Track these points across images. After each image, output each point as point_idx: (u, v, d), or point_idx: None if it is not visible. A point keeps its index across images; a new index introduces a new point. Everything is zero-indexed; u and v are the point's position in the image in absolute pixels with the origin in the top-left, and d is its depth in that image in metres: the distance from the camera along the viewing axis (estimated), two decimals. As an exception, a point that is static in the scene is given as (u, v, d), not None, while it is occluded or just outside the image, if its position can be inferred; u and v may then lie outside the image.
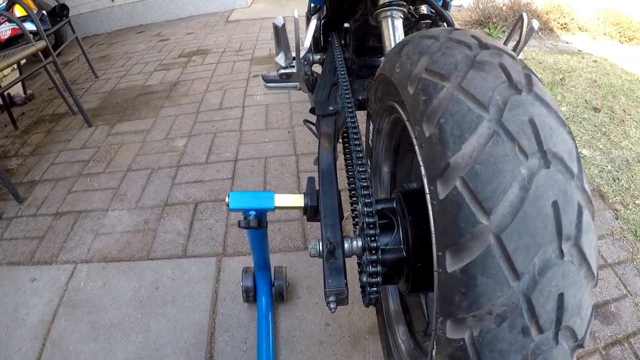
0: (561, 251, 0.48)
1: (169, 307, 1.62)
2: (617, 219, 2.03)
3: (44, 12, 3.95)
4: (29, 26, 3.34)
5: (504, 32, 4.88)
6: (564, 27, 5.15)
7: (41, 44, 2.82)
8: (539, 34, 4.99)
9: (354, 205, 1.00)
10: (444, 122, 0.56)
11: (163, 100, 3.45)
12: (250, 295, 1.50)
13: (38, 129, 3.24)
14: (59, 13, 4.15)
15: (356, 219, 0.97)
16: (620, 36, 4.96)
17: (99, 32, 6.33)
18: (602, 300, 1.61)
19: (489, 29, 4.90)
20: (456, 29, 0.70)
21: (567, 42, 4.83)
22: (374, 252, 0.73)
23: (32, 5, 3.91)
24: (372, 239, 0.74)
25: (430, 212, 0.58)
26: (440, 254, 0.54)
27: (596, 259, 0.52)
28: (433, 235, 0.57)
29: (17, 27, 3.26)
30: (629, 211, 2.07)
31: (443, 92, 0.58)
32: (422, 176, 0.87)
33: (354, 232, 0.93)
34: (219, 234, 1.94)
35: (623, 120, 2.91)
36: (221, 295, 1.64)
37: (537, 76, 0.60)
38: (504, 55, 0.60)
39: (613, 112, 3.01)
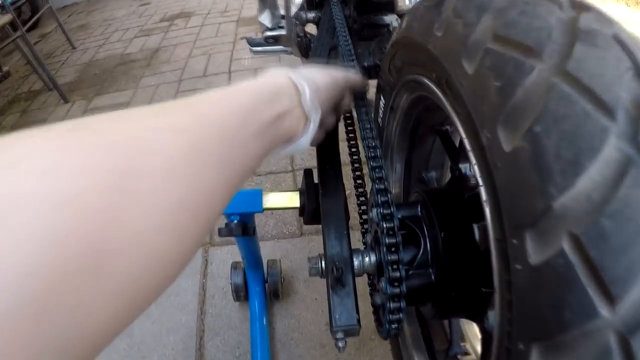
0: None
1: (153, 308, 1.44)
2: None
3: None
4: None
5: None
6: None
7: (7, 18, 2.65)
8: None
9: (360, 199, 0.80)
10: (543, 133, 0.33)
11: (143, 69, 3.23)
12: (242, 295, 1.33)
13: (13, 108, 3.07)
14: None
15: (363, 217, 0.78)
16: (627, 0, 4.71)
17: (78, 0, 5.96)
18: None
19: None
20: None
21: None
22: (395, 283, 0.54)
23: None
24: (394, 267, 0.54)
25: (499, 277, 0.38)
26: (522, 347, 0.35)
27: None
28: (505, 313, 0.37)
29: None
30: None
31: (535, 77, 0.35)
32: (455, 175, 0.66)
33: (363, 240, 0.74)
34: (206, 221, 1.76)
35: None
36: (209, 292, 1.47)
37: None
38: (614, 22, 0.37)
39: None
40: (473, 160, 0.41)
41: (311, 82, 0.52)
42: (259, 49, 1.59)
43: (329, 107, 0.59)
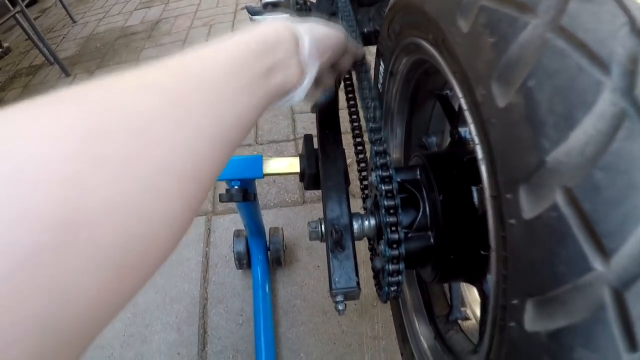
0: None
1: (157, 277, 1.46)
2: None
3: None
4: None
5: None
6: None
7: None
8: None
9: (361, 165, 0.80)
10: (536, 87, 0.33)
11: (144, 42, 3.20)
12: (244, 263, 1.34)
13: (14, 84, 3.06)
14: None
15: (364, 182, 0.78)
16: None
17: (77, -26, 5.88)
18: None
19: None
20: None
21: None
22: (394, 245, 0.55)
23: None
24: (393, 228, 0.54)
25: (495, 234, 0.38)
26: (516, 302, 0.35)
27: None
28: (500, 270, 0.37)
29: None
30: None
31: (529, 33, 0.34)
32: (455, 140, 0.65)
33: (364, 205, 0.74)
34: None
35: None
36: (212, 260, 1.49)
37: None
38: None
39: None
40: (469, 119, 0.41)
41: (310, 34, 0.50)
42: (259, 17, 1.56)
43: (327, 62, 0.57)
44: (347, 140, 0.80)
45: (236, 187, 0.84)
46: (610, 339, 0.28)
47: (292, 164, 0.83)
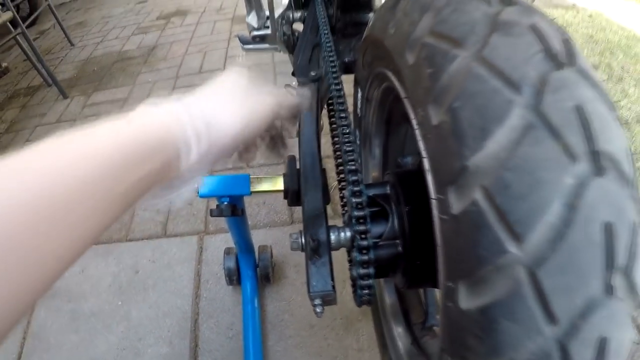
0: (610, 287, 0.36)
1: (150, 293, 1.51)
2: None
3: None
4: None
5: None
6: (557, -21, 4.95)
7: (7, 15, 2.69)
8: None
9: (341, 181, 0.87)
10: (460, 107, 0.41)
11: (141, 66, 3.28)
12: (234, 279, 1.39)
13: (13, 104, 3.11)
14: None
15: (343, 199, 0.85)
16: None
17: (74, -3, 6.01)
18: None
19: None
20: None
21: (561, -5, 4.64)
22: (364, 251, 0.61)
23: None
24: (363, 235, 0.61)
25: (438, 230, 0.45)
26: (451, 284, 0.42)
27: None
28: (440, 259, 0.45)
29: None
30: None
31: (457, 64, 0.42)
32: (422, 162, 0.73)
33: (342, 214, 0.81)
34: (200, 210, 1.82)
35: (621, 78, 2.79)
36: (204, 277, 1.54)
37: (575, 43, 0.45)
38: (535, 14, 0.45)
39: (611, 69, 2.89)
40: (418, 137, 0.48)
41: (208, 131, 0.42)
42: (250, 46, 1.65)
43: (243, 145, 0.53)
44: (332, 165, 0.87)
45: (225, 203, 0.91)
46: (529, 311, 0.35)
47: (277, 183, 0.90)
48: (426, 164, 0.46)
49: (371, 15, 1.34)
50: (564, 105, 0.38)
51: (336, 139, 0.89)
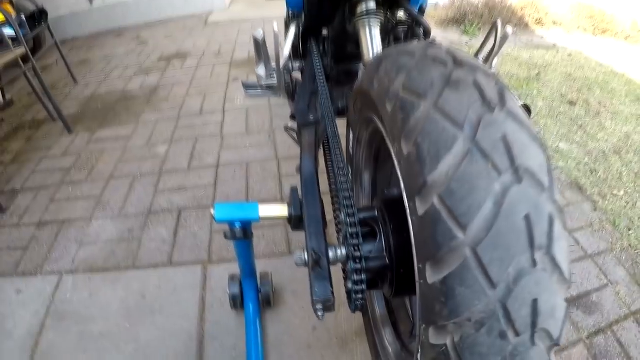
0: (534, 261, 0.51)
1: (157, 316, 1.62)
2: (595, 210, 2.09)
3: (22, 16, 3.85)
4: (8, 31, 3.29)
5: (479, 29, 4.97)
6: (539, 22, 5.27)
7: (20, 51, 2.79)
8: (514, 29, 5.07)
9: (336, 212, 1.02)
10: (421, 141, 0.58)
11: (143, 106, 3.43)
12: (238, 302, 1.52)
13: (18, 135, 3.19)
14: (38, 18, 4.08)
15: (339, 226, 0.99)
16: (594, 29, 5.08)
17: (77, 35, 6.21)
18: (584, 291, 1.67)
19: (465, 26, 4.98)
20: (432, 44, 0.72)
21: (542, 37, 4.92)
22: (358, 260, 0.76)
23: (11, 10, 3.83)
24: (356, 248, 0.76)
25: (411, 227, 0.60)
26: (420, 266, 0.57)
27: (568, 264, 0.55)
28: (414, 249, 0.60)
29: (-4, 31, 3.20)
30: (607, 202, 2.14)
31: (420, 111, 0.60)
32: (401, 191, 0.90)
33: (337, 238, 0.95)
34: (204, 241, 1.95)
35: (599, 113, 2.99)
36: (208, 302, 1.65)
37: (509, 90, 0.62)
38: (478, 71, 0.62)
39: (589, 105, 3.09)
40: (395, 164, 0.64)
41: None
42: (253, 91, 1.83)
43: None
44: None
45: (238, 227, 1.05)
46: (475, 279, 0.51)
47: (281, 210, 1.04)
48: (402, 185, 0.62)
49: (360, 65, 1.52)
50: (494, 136, 0.55)
51: (331, 170, 1.06)
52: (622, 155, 2.51)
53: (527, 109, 1.00)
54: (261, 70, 1.41)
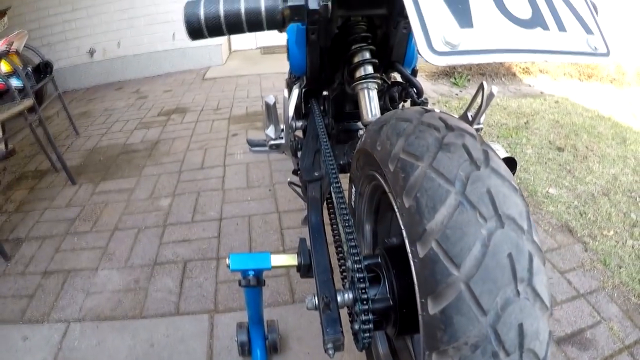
0: (517, 291, 0.62)
1: (166, 362, 1.67)
2: (586, 250, 2.20)
3: (29, 68, 3.97)
4: (15, 82, 3.38)
5: (468, 80, 5.18)
6: (526, 71, 5.51)
7: (28, 102, 2.84)
8: (502, 79, 5.31)
9: (341, 261, 1.12)
10: (420, 196, 0.69)
11: (145, 159, 3.51)
12: (246, 349, 1.58)
13: (21, 185, 3.22)
14: (43, 70, 4.16)
15: (344, 273, 1.09)
16: (580, 74, 5.31)
17: (77, 87, 6.33)
18: (578, 328, 1.75)
19: (455, 78, 5.20)
20: (427, 111, 0.85)
21: (530, 85, 5.14)
22: (365, 302, 0.86)
23: (18, 62, 3.93)
24: (363, 291, 0.86)
25: (413, 268, 0.71)
26: (423, 300, 0.68)
27: (548, 294, 0.65)
28: (416, 286, 0.70)
29: (3, 82, 3.30)
30: (597, 242, 2.24)
31: (418, 171, 0.72)
32: (404, 238, 1.01)
33: (343, 285, 1.05)
34: (210, 291, 2.02)
35: (586, 157, 3.13)
36: (216, 350, 1.71)
37: (493, 150, 0.74)
38: (466, 135, 0.74)
39: (576, 150, 3.24)
40: (398, 216, 0.75)
41: None
42: (258, 149, 1.97)
43: None
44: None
45: (251, 275, 1.15)
46: (469, 308, 0.62)
47: (291, 259, 1.14)
48: (404, 234, 0.73)
49: (359, 124, 1.66)
50: (480, 190, 0.67)
51: (334, 222, 1.17)
52: (610, 196, 2.64)
53: (513, 161, 1.13)
54: (270, 131, 1.54)
